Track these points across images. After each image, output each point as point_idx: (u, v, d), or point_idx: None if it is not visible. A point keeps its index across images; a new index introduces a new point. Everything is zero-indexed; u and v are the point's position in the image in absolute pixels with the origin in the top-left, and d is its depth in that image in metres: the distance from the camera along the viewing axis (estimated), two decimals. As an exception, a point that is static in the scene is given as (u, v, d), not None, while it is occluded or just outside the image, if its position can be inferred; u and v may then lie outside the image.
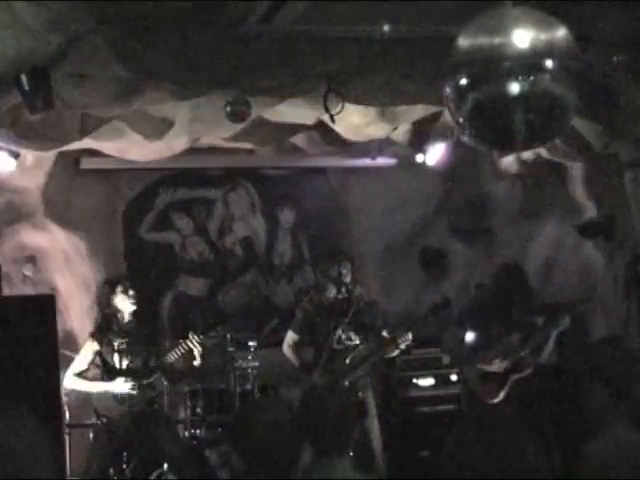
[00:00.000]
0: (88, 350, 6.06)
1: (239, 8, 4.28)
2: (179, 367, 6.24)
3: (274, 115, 6.01)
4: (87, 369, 6.04)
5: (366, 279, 6.88)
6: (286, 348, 6.24)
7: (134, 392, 5.93)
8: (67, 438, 6.19)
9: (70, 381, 5.96)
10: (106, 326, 6.09)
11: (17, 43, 4.16)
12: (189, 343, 6.02)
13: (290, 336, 6.23)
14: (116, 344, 6.01)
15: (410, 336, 5.83)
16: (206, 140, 6.78)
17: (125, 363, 6.02)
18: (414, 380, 7.23)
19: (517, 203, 7.98)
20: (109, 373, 6.00)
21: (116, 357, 6.02)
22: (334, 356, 5.95)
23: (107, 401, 5.93)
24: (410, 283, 8.33)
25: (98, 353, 6.04)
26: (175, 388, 6.68)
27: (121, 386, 5.92)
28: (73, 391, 6.13)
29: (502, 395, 5.86)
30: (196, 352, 6.08)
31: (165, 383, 6.27)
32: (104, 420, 5.93)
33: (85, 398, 6.09)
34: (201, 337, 6.04)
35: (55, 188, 7.28)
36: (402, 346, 5.86)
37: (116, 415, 5.92)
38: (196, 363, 6.11)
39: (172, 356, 6.04)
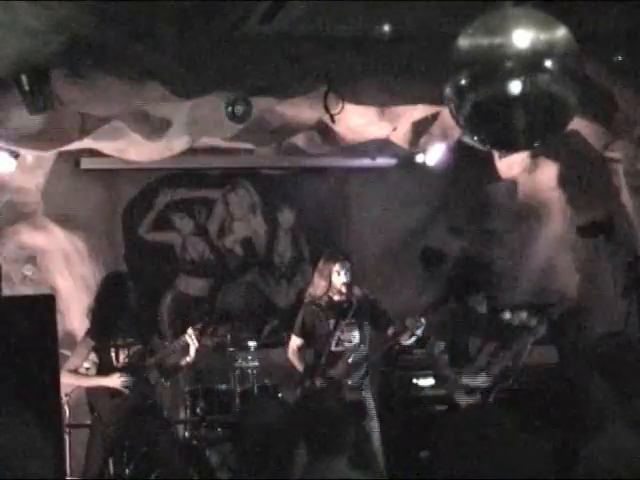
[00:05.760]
0: (83, 346, 6.04)
1: (239, 8, 4.28)
2: (173, 363, 6.20)
3: (274, 115, 6.01)
4: (82, 365, 6.03)
5: (366, 279, 6.86)
6: (291, 353, 6.17)
7: (129, 387, 5.91)
8: (67, 438, 6.19)
9: (64, 375, 5.92)
10: (104, 323, 6.07)
11: (18, 43, 4.16)
12: (187, 338, 6.00)
13: (294, 341, 6.16)
14: (112, 341, 5.99)
15: (423, 320, 5.72)
16: (206, 140, 6.78)
17: (121, 359, 6.00)
18: (414, 380, 7.22)
19: (517, 203, 7.98)
20: (105, 369, 5.99)
21: (112, 353, 6.00)
22: (334, 357, 5.91)
23: (101, 396, 5.91)
24: (410, 283, 8.33)
25: (94, 349, 6.02)
26: (172, 386, 6.66)
27: (115, 381, 5.90)
28: (69, 386, 6.10)
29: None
30: (192, 348, 6.05)
31: (161, 380, 6.23)
32: (98, 416, 5.91)
33: (84, 396, 6.08)
34: (198, 333, 6.01)
35: (55, 188, 7.28)
36: (418, 332, 5.75)
37: (110, 409, 5.89)
38: (189, 359, 6.07)
39: (169, 350, 6.02)
